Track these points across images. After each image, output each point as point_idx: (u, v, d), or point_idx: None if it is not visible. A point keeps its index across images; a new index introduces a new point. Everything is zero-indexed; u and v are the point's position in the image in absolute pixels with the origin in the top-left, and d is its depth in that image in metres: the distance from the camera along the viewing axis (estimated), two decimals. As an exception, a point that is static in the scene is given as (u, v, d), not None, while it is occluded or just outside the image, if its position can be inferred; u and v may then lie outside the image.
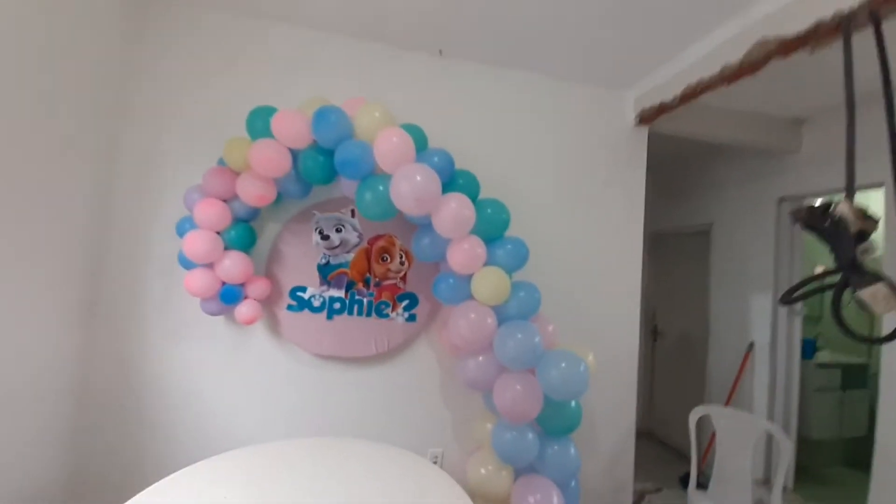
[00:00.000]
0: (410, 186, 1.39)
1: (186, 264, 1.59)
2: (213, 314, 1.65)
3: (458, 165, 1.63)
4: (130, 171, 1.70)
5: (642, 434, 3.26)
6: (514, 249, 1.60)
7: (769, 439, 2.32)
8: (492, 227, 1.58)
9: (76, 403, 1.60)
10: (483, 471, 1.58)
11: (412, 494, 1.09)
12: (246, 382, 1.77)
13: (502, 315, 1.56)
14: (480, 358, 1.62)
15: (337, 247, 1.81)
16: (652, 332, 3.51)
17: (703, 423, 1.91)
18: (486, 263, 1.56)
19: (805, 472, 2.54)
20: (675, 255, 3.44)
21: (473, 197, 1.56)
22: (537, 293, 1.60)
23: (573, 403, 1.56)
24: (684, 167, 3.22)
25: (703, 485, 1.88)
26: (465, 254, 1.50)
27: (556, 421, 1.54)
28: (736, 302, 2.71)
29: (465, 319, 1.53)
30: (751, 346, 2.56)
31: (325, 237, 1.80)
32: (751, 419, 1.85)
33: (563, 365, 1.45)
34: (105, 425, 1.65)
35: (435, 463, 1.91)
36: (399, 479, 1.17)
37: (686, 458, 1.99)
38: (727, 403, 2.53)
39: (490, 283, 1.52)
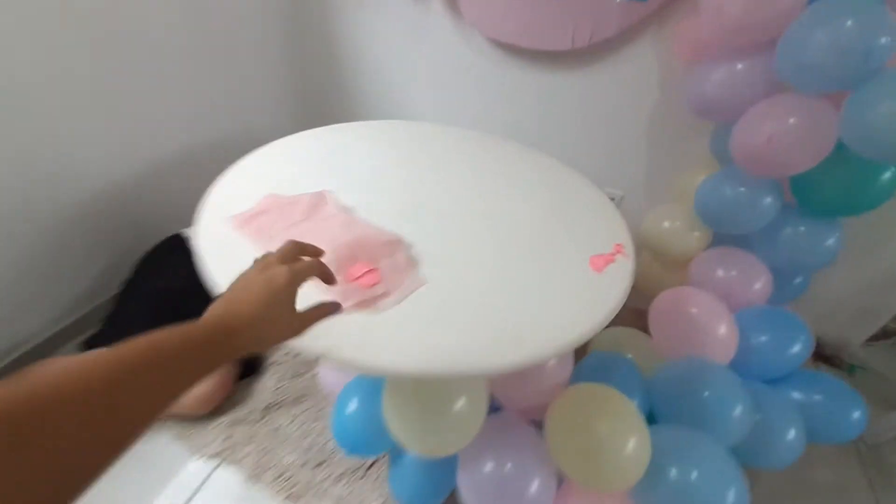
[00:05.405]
0: None
1: None
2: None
3: None
4: None
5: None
6: None
7: None
8: None
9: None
10: (667, 224, 1.20)
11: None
12: (424, 64, 1.60)
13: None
14: (739, 65, 0.97)
15: None
16: None
17: None
18: None
19: None
20: None
21: None
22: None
23: (889, 173, 0.88)
24: None
25: None
26: None
27: (838, 190, 0.93)
28: None
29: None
30: None
31: None
32: None
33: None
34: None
35: (608, 205, 1.62)
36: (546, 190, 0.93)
37: None
38: None
39: None
